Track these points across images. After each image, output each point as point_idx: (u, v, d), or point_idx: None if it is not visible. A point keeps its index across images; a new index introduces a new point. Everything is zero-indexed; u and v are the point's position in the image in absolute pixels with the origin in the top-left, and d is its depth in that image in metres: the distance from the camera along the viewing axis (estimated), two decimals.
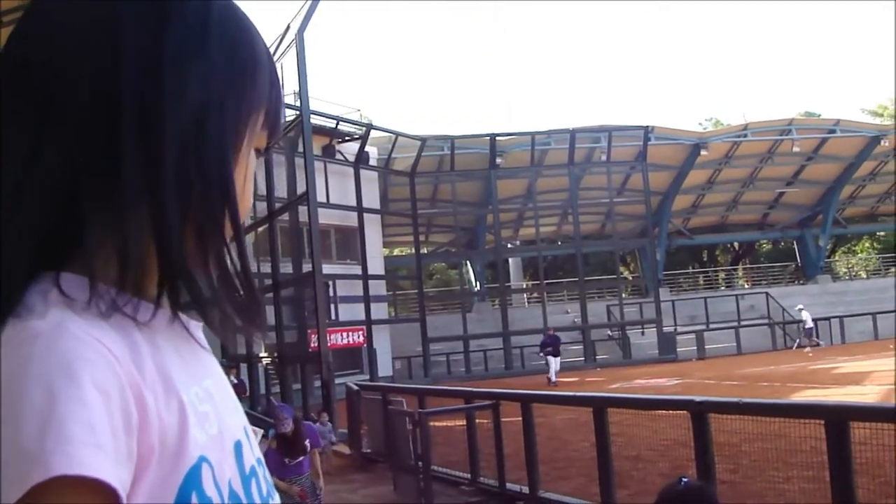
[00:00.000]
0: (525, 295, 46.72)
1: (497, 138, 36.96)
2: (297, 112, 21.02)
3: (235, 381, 20.54)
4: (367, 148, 32.09)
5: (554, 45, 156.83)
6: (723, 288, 49.81)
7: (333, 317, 28.00)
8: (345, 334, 28.64)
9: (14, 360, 0.76)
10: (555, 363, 28.17)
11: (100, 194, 0.85)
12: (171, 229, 0.87)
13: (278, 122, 1.05)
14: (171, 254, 0.88)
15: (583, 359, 34.92)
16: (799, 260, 50.05)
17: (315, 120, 24.69)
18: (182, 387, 0.88)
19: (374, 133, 32.91)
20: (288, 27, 22.30)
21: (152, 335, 0.89)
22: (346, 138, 31.77)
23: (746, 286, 50.21)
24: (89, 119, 0.85)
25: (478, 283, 45.95)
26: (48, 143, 0.85)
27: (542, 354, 29.49)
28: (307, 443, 9.17)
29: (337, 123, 30.89)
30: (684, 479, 3.52)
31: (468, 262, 46.70)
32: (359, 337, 29.41)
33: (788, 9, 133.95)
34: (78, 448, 0.73)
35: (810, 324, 35.14)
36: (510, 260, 46.28)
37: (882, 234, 52.78)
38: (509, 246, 45.24)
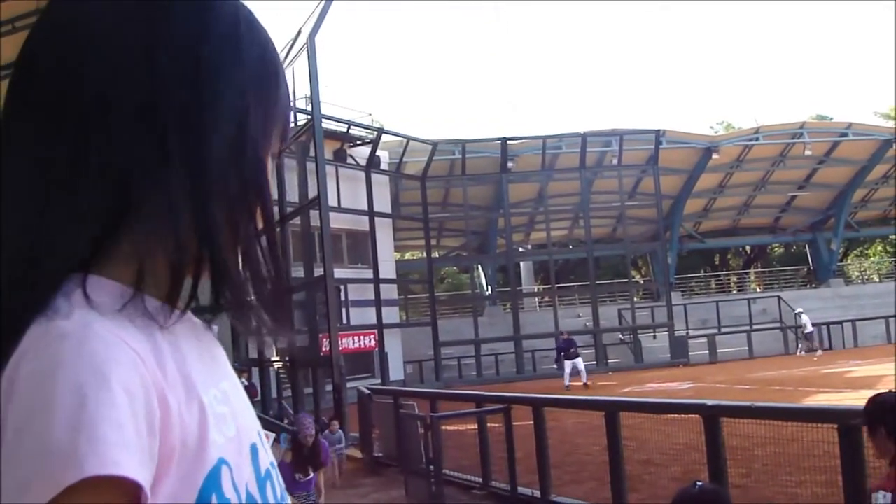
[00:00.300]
0: (536, 299, 46.67)
1: (508, 142, 36.93)
2: (309, 116, 21.03)
3: (247, 384, 20.59)
4: (378, 152, 32.11)
5: (560, 46, 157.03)
6: (735, 292, 49.65)
7: (345, 321, 28.00)
8: (356, 338, 28.66)
9: (42, 361, 0.76)
10: (569, 367, 27.89)
11: (141, 200, 0.87)
12: (215, 233, 0.90)
13: (289, 128, 1.07)
14: (216, 259, 0.90)
15: (594, 363, 34.76)
16: (811, 263, 49.89)
17: (326, 124, 24.71)
18: (202, 388, 0.89)
19: (385, 137, 32.94)
20: (299, 31, 22.34)
21: (173, 337, 0.89)
22: (358, 142, 31.80)
23: (758, 290, 50.01)
24: (132, 126, 0.87)
25: (489, 287, 45.95)
26: (92, 149, 0.86)
27: (558, 366, 29.15)
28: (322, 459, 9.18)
29: (348, 128, 30.95)
30: (699, 483, 3.53)
31: (479, 265, 46.70)
32: (370, 341, 29.42)
33: (800, 12, 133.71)
34: (110, 448, 0.74)
35: (809, 328, 34.91)
36: (521, 264, 46.19)
37: (894, 237, 52.54)
38: (521, 250, 45.18)
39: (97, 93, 0.87)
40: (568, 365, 27.90)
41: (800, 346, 35.41)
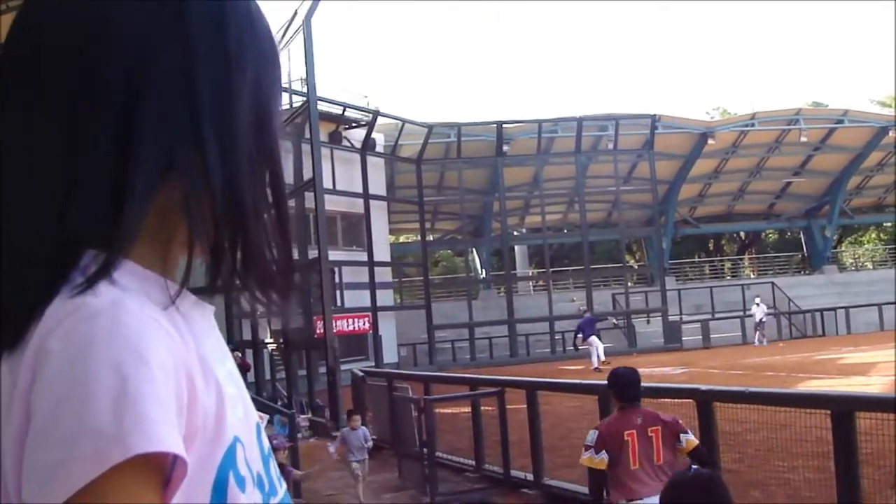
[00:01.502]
0: (531, 283, 46.70)
1: (504, 126, 36.87)
2: (304, 98, 20.98)
3: (240, 356, 20.65)
4: (373, 134, 32.00)
5: (557, 37, 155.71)
6: (729, 277, 49.76)
7: (339, 303, 27.97)
8: (350, 321, 28.65)
9: (75, 338, 0.76)
10: (594, 345, 27.58)
11: (174, 175, 0.87)
12: (246, 208, 0.91)
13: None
14: (247, 235, 0.92)
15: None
16: (805, 250, 49.99)
17: (322, 106, 24.60)
18: (216, 368, 0.89)
19: (380, 120, 32.81)
20: (295, 13, 22.25)
21: (186, 317, 0.89)
22: (353, 125, 31.69)
23: (752, 276, 50.10)
24: (169, 103, 0.87)
25: (483, 271, 45.97)
26: (135, 125, 0.86)
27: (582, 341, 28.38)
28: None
29: (344, 110, 30.82)
30: (694, 467, 3.54)
31: (474, 249, 46.68)
32: (364, 324, 29.43)
33: None
34: (154, 426, 0.74)
35: (758, 318, 34.64)
36: (516, 248, 46.24)
37: (889, 224, 52.65)
38: (515, 234, 45.18)
39: (135, 70, 0.86)
40: (593, 343, 27.60)
41: (757, 335, 34.76)
